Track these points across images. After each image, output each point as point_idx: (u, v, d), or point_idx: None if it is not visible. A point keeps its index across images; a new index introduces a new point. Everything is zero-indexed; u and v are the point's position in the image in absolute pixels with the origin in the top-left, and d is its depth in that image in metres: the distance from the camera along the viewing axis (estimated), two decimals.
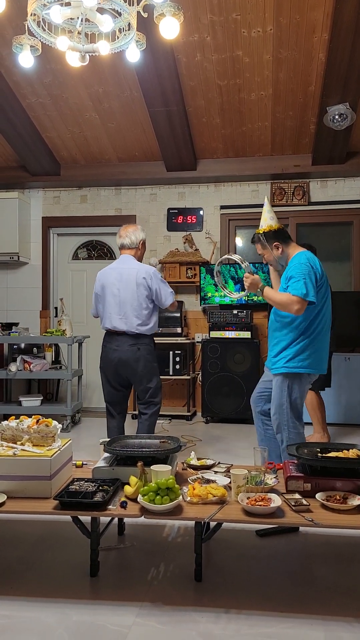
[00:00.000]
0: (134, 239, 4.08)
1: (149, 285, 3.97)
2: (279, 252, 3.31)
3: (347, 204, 6.44)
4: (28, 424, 2.78)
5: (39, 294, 7.07)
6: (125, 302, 3.98)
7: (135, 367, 4.00)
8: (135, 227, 4.16)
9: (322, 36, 4.53)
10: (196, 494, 2.46)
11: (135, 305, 3.97)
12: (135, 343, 3.99)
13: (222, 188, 6.72)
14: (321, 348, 3.26)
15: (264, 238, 3.31)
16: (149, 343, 4.06)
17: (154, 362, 4.08)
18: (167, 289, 4.04)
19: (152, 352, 4.07)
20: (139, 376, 4.04)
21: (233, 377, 5.99)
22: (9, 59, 4.91)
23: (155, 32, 3.58)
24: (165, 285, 4.05)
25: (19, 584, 2.44)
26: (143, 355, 4.00)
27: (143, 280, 3.96)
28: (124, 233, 4.11)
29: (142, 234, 4.13)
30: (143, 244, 4.15)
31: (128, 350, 3.99)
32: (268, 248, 3.32)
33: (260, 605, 2.26)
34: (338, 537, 2.94)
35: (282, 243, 3.31)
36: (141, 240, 4.12)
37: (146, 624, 2.12)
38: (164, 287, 4.03)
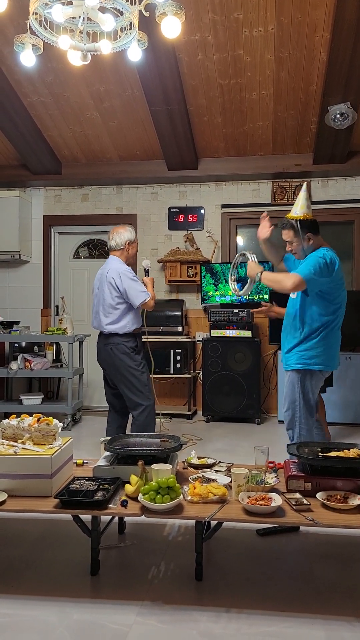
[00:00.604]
0: (119, 240, 4.14)
1: (117, 285, 4.02)
2: (309, 243, 3.24)
3: (349, 203, 6.44)
4: (29, 423, 2.78)
5: (40, 293, 7.07)
6: (99, 302, 4.12)
7: (111, 366, 4.11)
8: (123, 229, 4.19)
9: (323, 35, 4.53)
10: (197, 493, 2.47)
11: (106, 305, 4.06)
12: (108, 342, 4.08)
13: (223, 187, 6.72)
14: (334, 345, 3.27)
15: (298, 225, 3.21)
16: (122, 342, 4.05)
17: (130, 360, 4.05)
18: (136, 289, 4.01)
19: (126, 352, 4.05)
20: (115, 375, 4.12)
21: (234, 376, 6.00)
22: (11, 57, 4.91)
23: (157, 31, 3.58)
24: (136, 284, 4.02)
25: (19, 583, 2.44)
26: (116, 355, 4.05)
27: (112, 279, 4.03)
28: (111, 235, 4.20)
29: (128, 235, 4.15)
30: (129, 244, 4.16)
31: (103, 349, 4.14)
32: (299, 237, 3.23)
33: (261, 604, 2.26)
34: (339, 536, 2.94)
35: (313, 235, 3.25)
36: (126, 240, 4.14)
37: (147, 623, 2.13)
38: (134, 285, 4.01)
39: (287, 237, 3.29)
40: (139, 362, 4.09)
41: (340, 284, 3.22)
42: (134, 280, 4.03)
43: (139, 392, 4.07)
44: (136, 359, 4.08)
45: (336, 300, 3.22)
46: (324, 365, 3.23)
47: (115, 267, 4.08)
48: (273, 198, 6.54)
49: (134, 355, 4.07)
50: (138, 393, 4.07)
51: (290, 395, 3.27)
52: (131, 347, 4.07)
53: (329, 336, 3.23)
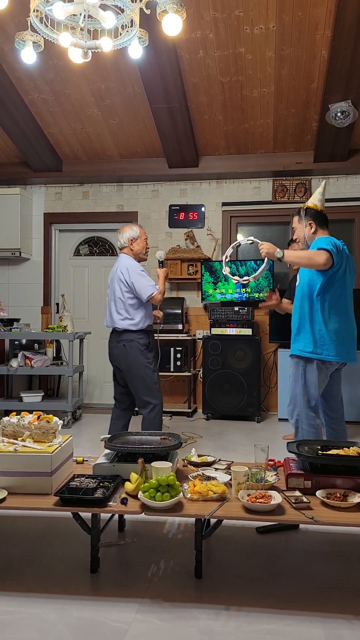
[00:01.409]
0: (122, 239, 4.20)
1: (126, 280, 4.03)
2: (310, 231, 3.27)
3: (349, 201, 6.44)
4: (29, 420, 2.79)
5: (41, 290, 7.07)
6: (111, 299, 4.14)
7: (122, 363, 4.09)
8: (128, 227, 4.22)
9: (324, 33, 4.52)
10: (197, 491, 2.47)
11: (118, 302, 4.08)
12: (121, 339, 4.08)
13: (224, 185, 6.72)
14: (343, 335, 3.16)
15: (303, 212, 3.31)
16: (135, 339, 4.04)
17: (142, 358, 4.04)
18: (145, 282, 4.01)
19: (139, 348, 4.03)
20: (126, 373, 4.10)
21: (234, 374, 6.00)
22: (12, 55, 4.91)
23: (158, 29, 3.58)
24: (143, 279, 4.02)
25: (19, 580, 2.45)
26: (129, 352, 4.05)
27: (121, 274, 4.05)
28: (118, 236, 4.24)
29: (130, 233, 4.17)
30: (133, 242, 4.17)
31: (115, 347, 4.13)
32: (303, 223, 3.30)
33: (261, 602, 2.26)
34: (338, 534, 2.94)
35: (317, 225, 3.28)
36: (129, 238, 4.17)
37: (146, 620, 2.13)
38: (141, 280, 4.01)
39: (293, 224, 3.39)
40: (151, 360, 4.08)
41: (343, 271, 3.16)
42: (141, 274, 4.03)
43: (150, 390, 4.06)
44: (148, 356, 4.07)
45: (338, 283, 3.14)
46: (330, 356, 3.13)
47: (125, 263, 4.09)
48: (274, 196, 6.54)
49: (146, 352, 4.07)
50: (148, 391, 4.06)
51: (293, 388, 3.23)
52: (144, 344, 4.06)
53: (334, 324, 3.14)
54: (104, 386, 7.05)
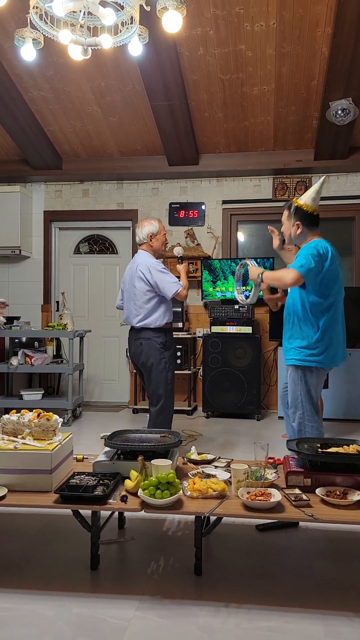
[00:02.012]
0: (141, 235, 4.14)
1: (147, 279, 3.99)
2: (297, 231, 3.26)
3: (350, 199, 6.43)
4: (29, 418, 2.79)
5: (41, 288, 7.07)
6: (130, 297, 4.10)
7: (140, 359, 4.08)
8: (147, 222, 4.17)
9: (325, 30, 4.51)
10: (196, 489, 2.47)
11: (137, 300, 4.04)
12: (139, 337, 4.07)
13: (224, 183, 6.71)
14: (336, 340, 3.21)
15: (293, 210, 3.27)
16: (152, 337, 4.03)
17: (159, 357, 4.03)
18: (168, 279, 3.97)
19: (156, 347, 4.02)
20: (143, 370, 4.11)
21: (234, 372, 6.00)
22: (11, 52, 4.90)
23: (158, 26, 3.57)
24: (166, 276, 3.99)
25: (19, 577, 2.45)
26: (145, 350, 4.04)
27: (141, 274, 4.00)
28: (137, 230, 4.19)
29: (149, 228, 4.13)
30: (152, 237, 4.12)
31: (133, 344, 4.13)
32: (291, 221, 3.28)
33: (260, 599, 2.27)
34: (338, 532, 2.95)
35: (305, 226, 3.25)
36: (148, 234, 4.12)
37: (146, 618, 2.13)
38: (164, 277, 3.98)
39: (283, 216, 3.35)
40: (167, 358, 4.07)
41: (335, 276, 3.18)
42: (163, 272, 3.99)
43: (163, 389, 4.05)
44: (164, 355, 4.06)
45: (331, 293, 3.16)
46: (324, 363, 3.17)
47: (144, 261, 4.05)
48: (274, 194, 6.53)
49: (162, 351, 4.05)
50: (162, 390, 4.05)
51: (293, 392, 3.24)
52: (161, 343, 4.05)
53: (328, 331, 3.17)
54: (104, 384, 7.05)
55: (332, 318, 3.19)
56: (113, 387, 7.05)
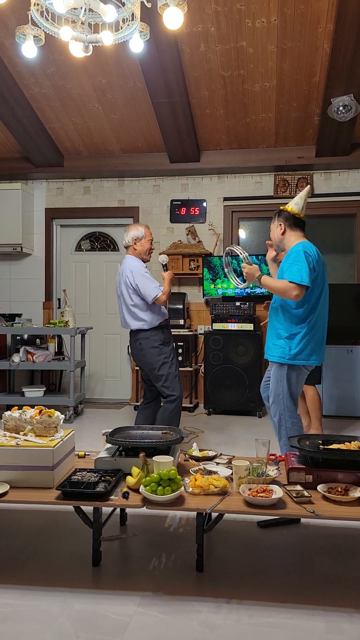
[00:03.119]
0: (127, 239, 4.23)
1: (131, 282, 4.07)
2: (279, 231, 3.37)
3: (351, 195, 6.42)
4: (31, 415, 2.79)
5: (42, 285, 7.08)
6: (121, 302, 4.20)
7: (142, 361, 4.19)
8: (133, 227, 4.25)
9: (326, 27, 4.50)
10: (198, 485, 2.47)
11: (128, 304, 4.14)
12: (137, 338, 4.17)
13: (226, 180, 6.71)
14: (318, 340, 3.28)
15: (277, 213, 3.42)
16: (150, 336, 4.12)
17: (159, 354, 4.11)
18: (149, 284, 4.03)
19: (154, 346, 4.11)
20: (147, 370, 4.18)
21: (235, 368, 6.00)
22: (12, 49, 4.89)
23: (159, 23, 3.56)
24: (147, 280, 4.05)
25: (21, 573, 2.46)
26: (145, 350, 4.13)
27: (127, 277, 4.09)
28: (124, 234, 4.26)
29: (134, 232, 4.19)
30: (137, 242, 4.19)
31: (133, 346, 4.23)
32: (275, 223, 3.40)
33: (261, 595, 2.27)
34: (339, 528, 2.95)
35: (287, 227, 3.35)
36: (133, 237, 4.19)
37: (148, 613, 2.14)
38: (145, 282, 4.04)
39: (271, 225, 3.48)
40: (168, 354, 4.14)
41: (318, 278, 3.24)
42: (145, 276, 4.06)
43: (170, 383, 4.12)
44: (165, 351, 4.13)
45: (315, 293, 3.23)
46: (307, 360, 3.24)
47: (129, 265, 4.13)
48: (275, 191, 6.52)
49: (162, 348, 4.13)
50: (169, 384, 4.12)
51: (275, 389, 3.30)
52: (159, 340, 4.13)
53: (313, 331, 3.25)
54: (105, 381, 7.06)
55: (315, 318, 3.26)
56: (114, 384, 7.05)
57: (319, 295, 3.26)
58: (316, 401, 4.89)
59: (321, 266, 3.27)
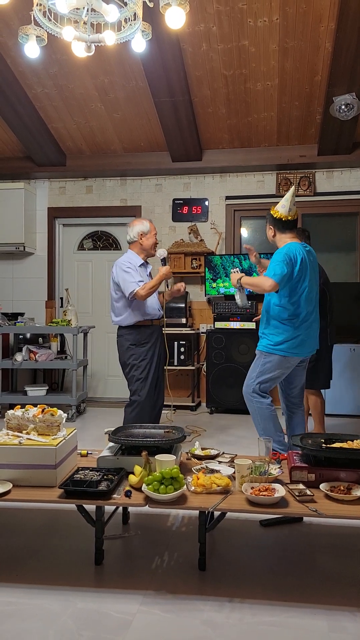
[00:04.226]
0: (132, 234, 4.19)
1: (114, 277, 4.09)
2: (270, 234, 3.59)
3: (353, 194, 6.41)
4: (33, 413, 2.80)
5: (45, 285, 7.08)
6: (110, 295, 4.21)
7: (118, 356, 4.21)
8: (138, 221, 4.21)
9: (328, 25, 4.50)
10: (200, 484, 2.48)
11: (112, 298, 4.17)
12: (117, 334, 4.20)
13: (228, 178, 6.70)
14: (304, 333, 3.45)
15: (268, 216, 3.57)
16: (124, 334, 4.11)
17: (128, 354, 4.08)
18: (126, 280, 3.99)
19: (126, 345, 4.09)
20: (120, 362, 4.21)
21: (237, 367, 6.00)
22: (15, 49, 4.90)
23: (161, 22, 3.56)
24: (127, 275, 4.00)
25: (23, 572, 2.46)
26: (118, 347, 4.17)
27: (112, 272, 4.12)
28: (128, 230, 4.24)
29: (140, 227, 4.17)
30: (143, 236, 4.16)
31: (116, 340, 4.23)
32: (267, 226, 3.61)
33: (264, 594, 2.28)
34: (342, 527, 2.95)
35: (277, 230, 3.55)
36: (139, 233, 4.16)
37: (150, 612, 2.15)
38: (124, 277, 4.01)
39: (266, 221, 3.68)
40: (138, 355, 4.07)
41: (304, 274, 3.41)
42: (126, 271, 4.02)
43: (132, 385, 4.10)
44: (135, 351, 4.07)
45: (298, 290, 3.41)
46: (288, 352, 3.42)
47: (117, 260, 4.14)
48: (277, 189, 6.52)
49: (133, 348, 4.07)
50: (132, 387, 4.10)
51: (250, 371, 3.55)
52: (132, 340, 4.09)
53: (297, 325, 3.43)
54: (107, 380, 7.07)
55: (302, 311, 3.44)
56: (117, 383, 7.05)
57: (302, 289, 3.42)
58: (318, 407, 4.86)
59: (305, 263, 3.43)
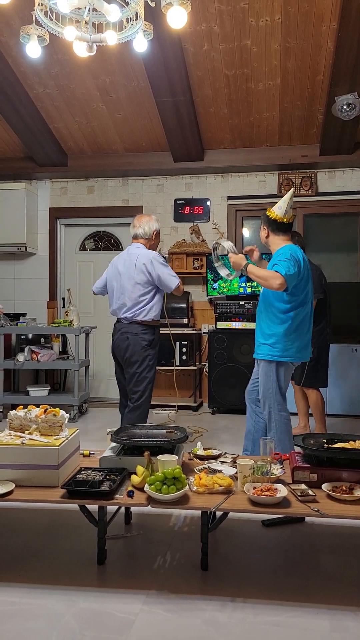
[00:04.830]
0: (147, 229, 4.09)
1: (149, 270, 3.94)
2: (264, 234, 3.57)
3: (355, 194, 6.40)
4: (36, 414, 2.80)
5: (47, 285, 7.09)
6: (124, 289, 4.02)
7: (124, 354, 4.05)
8: (150, 218, 4.15)
9: (330, 25, 4.49)
10: (202, 484, 2.48)
11: (132, 293, 3.98)
12: (126, 331, 4.03)
13: (229, 179, 6.70)
14: (304, 337, 3.44)
15: (264, 217, 3.57)
16: (140, 333, 3.99)
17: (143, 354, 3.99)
18: (169, 273, 3.95)
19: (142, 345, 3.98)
20: (125, 365, 4.08)
21: (239, 368, 6.00)
22: (17, 49, 4.90)
23: (163, 22, 3.56)
24: (167, 269, 3.96)
25: (26, 572, 2.47)
26: (131, 346, 4.00)
27: (143, 266, 3.95)
28: (138, 223, 4.12)
29: (156, 225, 4.12)
30: (157, 235, 4.13)
31: (119, 337, 4.09)
32: (261, 226, 3.59)
33: (266, 594, 2.27)
34: (344, 527, 2.95)
35: (270, 231, 3.53)
36: (155, 230, 4.11)
37: (153, 612, 2.15)
38: (165, 270, 3.95)
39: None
40: (152, 356, 4.03)
41: (303, 274, 3.38)
42: (165, 265, 3.97)
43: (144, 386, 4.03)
44: (149, 353, 4.01)
45: (301, 293, 3.39)
46: (294, 357, 3.40)
47: (145, 253, 3.99)
48: (279, 189, 6.52)
49: (148, 349, 4.01)
50: (142, 387, 4.03)
51: (265, 384, 3.45)
52: (148, 340, 4.00)
53: (298, 328, 3.39)
54: (109, 380, 7.06)
55: (301, 317, 3.41)
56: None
57: (304, 296, 3.42)
58: (319, 405, 4.87)
59: (306, 269, 3.43)
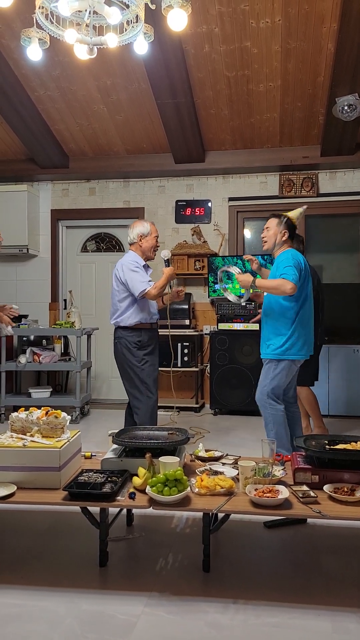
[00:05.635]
0: (133, 235, 4.16)
1: (120, 277, 4.06)
2: (282, 238, 3.69)
3: (356, 195, 6.40)
4: (37, 416, 2.80)
5: (48, 287, 7.10)
6: (112, 295, 4.20)
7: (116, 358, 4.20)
8: (138, 223, 4.19)
9: (331, 26, 4.50)
10: (204, 486, 2.48)
11: (114, 298, 4.16)
12: (115, 336, 4.18)
13: (231, 180, 6.71)
14: (306, 335, 3.62)
15: (284, 219, 3.69)
16: (125, 336, 4.05)
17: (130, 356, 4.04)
18: (136, 279, 3.95)
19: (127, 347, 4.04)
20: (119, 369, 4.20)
21: (241, 369, 6.00)
22: (18, 51, 4.91)
23: (163, 24, 3.56)
24: (136, 275, 3.97)
25: (28, 574, 2.47)
26: (117, 350, 4.13)
27: (116, 271, 4.10)
28: (128, 231, 4.23)
29: (140, 228, 4.13)
30: (142, 238, 4.12)
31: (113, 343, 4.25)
32: (279, 229, 3.68)
33: (268, 595, 2.27)
34: (345, 528, 2.95)
35: (289, 237, 3.72)
36: (139, 234, 4.12)
37: (155, 614, 2.15)
38: (134, 276, 3.97)
39: (269, 224, 3.76)
40: (140, 358, 4.04)
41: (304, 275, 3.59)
42: (135, 271, 3.98)
43: (137, 388, 4.06)
44: (137, 354, 4.04)
45: (301, 296, 3.57)
46: (297, 355, 3.58)
47: (123, 260, 4.10)
48: (280, 190, 6.52)
49: (135, 350, 4.04)
50: (135, 390, 4.06)
51: (263, 380, 3.66)
52: (135, 342, 4.04)
53: (299, 328, 3.57)
54: (111, 381, 7.07)
55: (303, 316, 3.61)
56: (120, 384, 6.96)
57: (305, 295, 3.62)
58: (312, 401, 4.89)
59: (306, 270, 3.63)
